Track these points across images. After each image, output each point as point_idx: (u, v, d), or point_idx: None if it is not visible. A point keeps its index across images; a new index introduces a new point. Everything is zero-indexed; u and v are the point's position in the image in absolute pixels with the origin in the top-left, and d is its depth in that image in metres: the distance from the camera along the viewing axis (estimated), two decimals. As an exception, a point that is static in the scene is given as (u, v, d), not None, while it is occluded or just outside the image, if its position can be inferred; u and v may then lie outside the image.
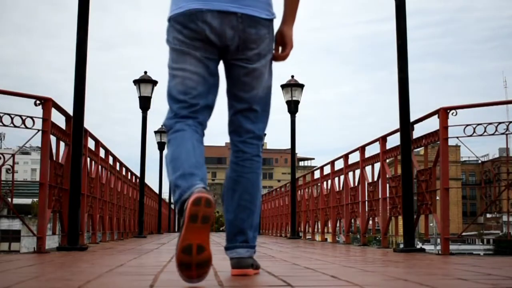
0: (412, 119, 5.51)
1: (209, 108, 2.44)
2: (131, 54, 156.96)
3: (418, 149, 5.83)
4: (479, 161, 6.35)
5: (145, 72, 12.39)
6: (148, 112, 12.19)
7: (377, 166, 7.23)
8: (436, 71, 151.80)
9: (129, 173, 11.59)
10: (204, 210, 2.05)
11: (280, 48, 2.56)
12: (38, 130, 4.89)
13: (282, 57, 2.56)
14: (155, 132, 19.25)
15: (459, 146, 52.65)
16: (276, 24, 2.55)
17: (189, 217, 2.04)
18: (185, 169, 2.22)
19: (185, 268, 2.05)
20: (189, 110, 2.38)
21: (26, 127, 4.76)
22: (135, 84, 12.24)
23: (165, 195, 28.50)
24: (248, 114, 2.51)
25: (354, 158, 8.50)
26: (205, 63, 2.39)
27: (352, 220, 8.72)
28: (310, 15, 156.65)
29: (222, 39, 2.36)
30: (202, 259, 2.05)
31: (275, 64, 2.56)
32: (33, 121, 4.82)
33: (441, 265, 3.42)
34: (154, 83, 12.22)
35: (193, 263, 2.04)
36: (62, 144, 5.57)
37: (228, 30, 2.35)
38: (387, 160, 7.05)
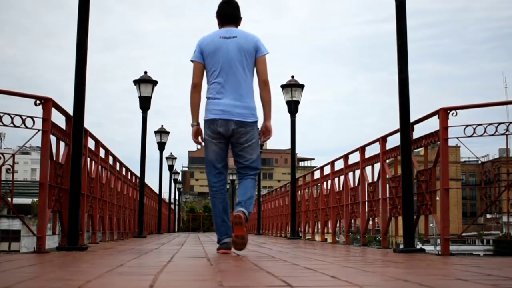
0: (412, 119, 5.51)
1: (226, 165, 4.64)
2: (131, 54, 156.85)
3: (418, 150, 5.83)
4: (479, 162, 6.36)
5: (145, 72, 12.38)
6: (148, 112, 12.18)
7: (377, 166, 7.24)
8: (436, 72, 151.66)
9: (129, 173, 11.60)
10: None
11: (263, 135, 4.68)
12: (38, 130, 4.90)
13: (265, 140, 4.74)
14: (155, 132, 19.21)
15: (459, 146, 52.66)
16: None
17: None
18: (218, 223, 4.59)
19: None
20: (219, 179, 4.62)
21: (26, 127, 4.76)
22: (135, 84, 12.24)
23: (165, 195, 28.57)
24: (246, 169, 4.60)
25: (354, 158, 8.52)
26: (220, 146, 4.57)
27: (352, 221, 8.72)
28: (310, 15, 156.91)
29: (227, 132, 4.49)
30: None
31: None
32: (33, 121, 4.82)
33: (441, 266, 3.43)
34: (154, 83, 12.22)
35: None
36: (62, 144, 5.57)
37: (230, 128, 4.47)
38: (387, 161, 7.05)
